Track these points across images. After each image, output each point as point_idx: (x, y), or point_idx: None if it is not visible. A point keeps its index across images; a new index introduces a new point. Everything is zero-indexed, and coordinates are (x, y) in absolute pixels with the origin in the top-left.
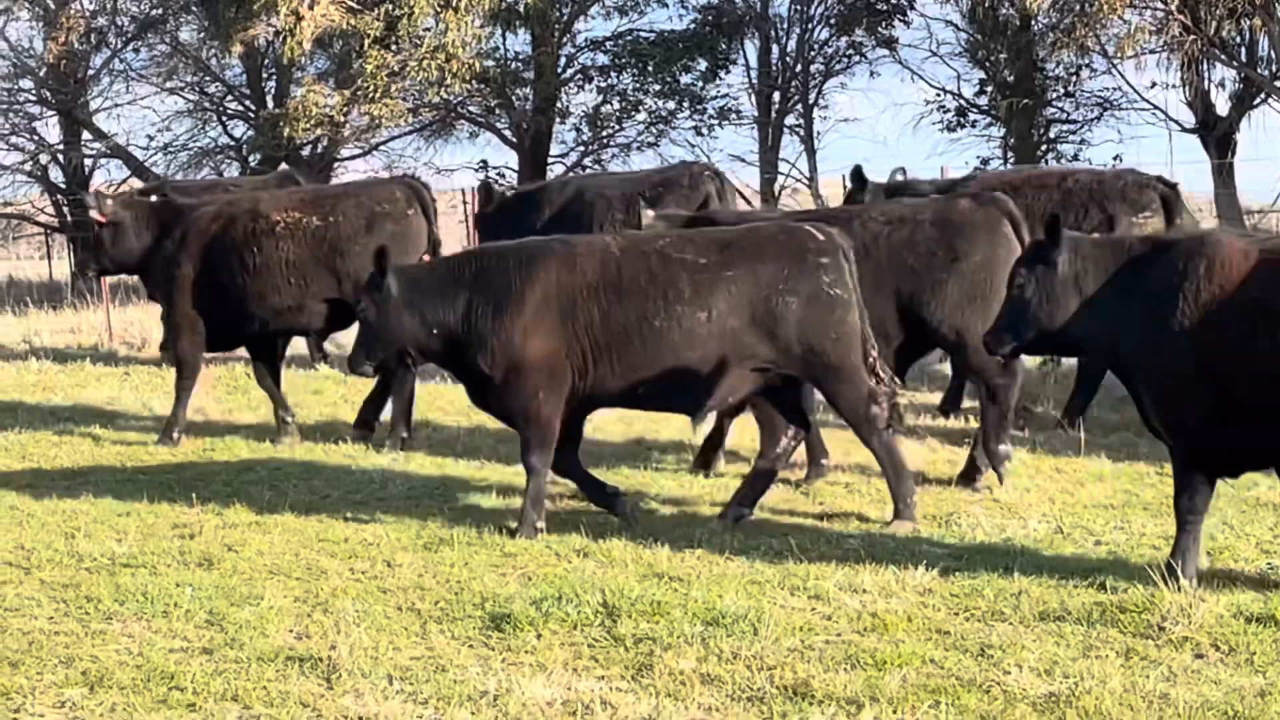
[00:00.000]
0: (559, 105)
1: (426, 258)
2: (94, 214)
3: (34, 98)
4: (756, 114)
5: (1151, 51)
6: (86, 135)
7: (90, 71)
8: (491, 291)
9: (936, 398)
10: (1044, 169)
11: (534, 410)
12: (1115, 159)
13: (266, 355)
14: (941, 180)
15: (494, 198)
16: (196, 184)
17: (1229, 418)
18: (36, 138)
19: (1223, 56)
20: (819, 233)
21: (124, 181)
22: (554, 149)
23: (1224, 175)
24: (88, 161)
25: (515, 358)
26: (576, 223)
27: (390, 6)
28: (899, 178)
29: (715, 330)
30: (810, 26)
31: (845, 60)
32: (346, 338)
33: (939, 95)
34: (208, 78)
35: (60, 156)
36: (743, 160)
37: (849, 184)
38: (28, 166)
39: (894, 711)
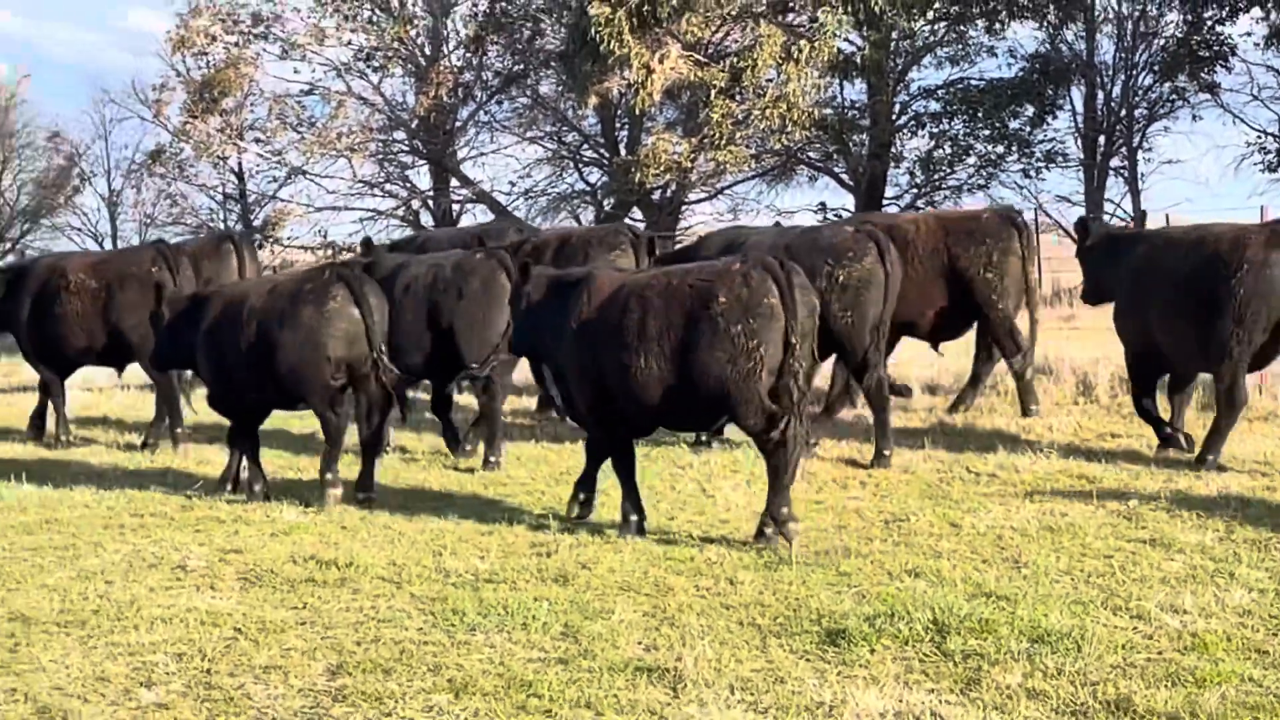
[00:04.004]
0: (893, 150)
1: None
2: None
3: (406, 148)
4: (1082, 156)
5: None
6: (454, 182)
7: (458, 123)
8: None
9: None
10: (556, 231)
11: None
12: None
13: None
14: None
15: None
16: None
17: (613, 401)
18: (409, 185)
19: None
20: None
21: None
22: (888, 191)
23: None
24: (455, 206)
25: None
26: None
27: (735, 59)
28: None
29: None
30: (1134, 73)
31: (1168, 105)
32: None
33: (1260, 137)
34: (565, 127)
35: (430, 202)
36: (1069, 200)
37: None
38: (400, 211)
39: None
